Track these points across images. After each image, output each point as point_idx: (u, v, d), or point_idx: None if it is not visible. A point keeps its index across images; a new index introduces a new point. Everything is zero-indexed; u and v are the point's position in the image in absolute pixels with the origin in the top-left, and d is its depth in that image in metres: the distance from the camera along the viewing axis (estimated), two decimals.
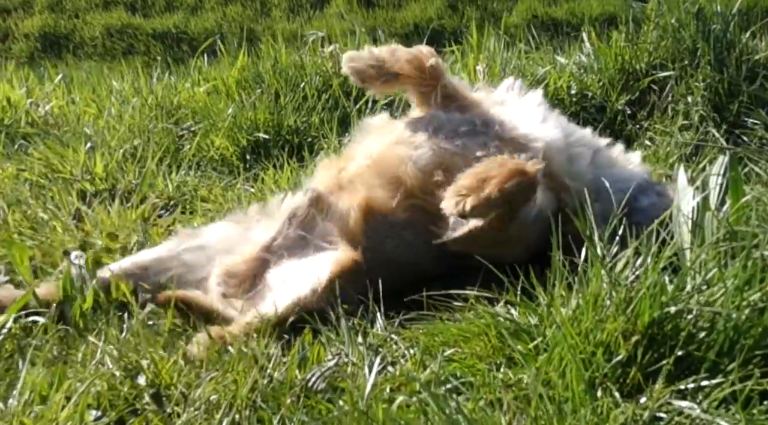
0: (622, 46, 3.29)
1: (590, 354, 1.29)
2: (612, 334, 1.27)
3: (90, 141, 2.87)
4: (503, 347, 1.45)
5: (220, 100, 3.46)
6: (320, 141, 3.14)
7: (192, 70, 3.83)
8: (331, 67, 3.68)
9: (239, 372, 1.35)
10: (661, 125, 3.10)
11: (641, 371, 1.26)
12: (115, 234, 2.06)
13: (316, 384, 1.37)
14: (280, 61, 3.60)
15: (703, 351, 1.22)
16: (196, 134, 3.18)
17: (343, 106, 3.49)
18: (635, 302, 1.26)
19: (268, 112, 3.22)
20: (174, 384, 1.35)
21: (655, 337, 1.27)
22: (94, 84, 4.18)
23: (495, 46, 3.62)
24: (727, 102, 2.97)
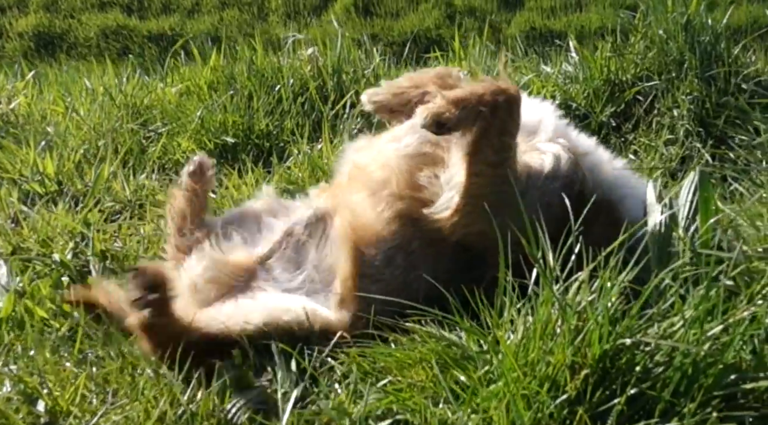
0: (608, 56, 3.17)
1: (536, 390, 1.16)
2: (559, 367, 1.14)
3: (46, 140, 2.74)
4: (446, 376, 1.31)
5: (192, 101, 3.34)
6: (291, 147, 3.01)
7: (165, 70, 3.71)
8: (309, 70, 3.57)
9: (150, 400, 1.21)
10: (646, 138, 2.97)
11: (591, 410, 1.13)
12: (50, 240, 1.92)
13: (237, 416, 1.23)
14: (255, 62, 3.48)
15: (658, 390, 1.08)
16: (163, 135, 3.05)
17: (319, 110, 3.37)
18: (585, 331, 1.12)
19: (238, 114, 3.10)
20: (75, 414, 1.21)
21: (607, 372, 1.13)
22: (68, 82, 4.06)
23: (480, 53, 3.50)
24: (713, 117, 2.85)
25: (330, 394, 1.36)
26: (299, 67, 3.54)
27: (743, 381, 1.05)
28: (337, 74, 3.56)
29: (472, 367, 1.28)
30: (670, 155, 2.86)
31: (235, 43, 4.14)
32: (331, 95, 3.47)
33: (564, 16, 8.77)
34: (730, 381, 1.05)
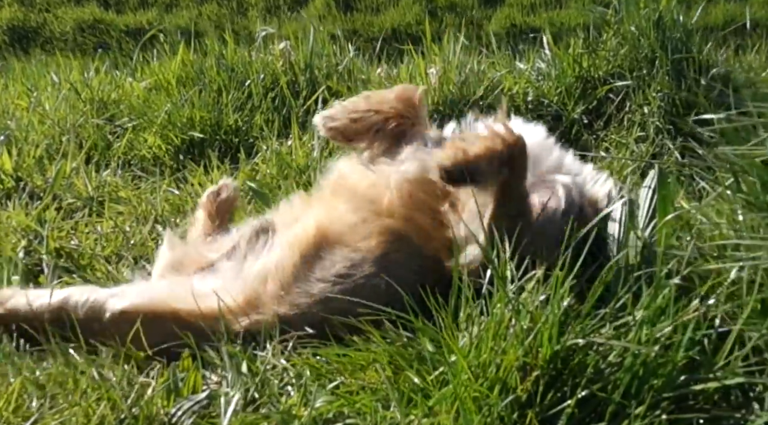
0: (580, 53, 3.15)
1: (486, 393, 1.13)
2: (510, 369, 1.11)
3: (6, 135, 2.67)
4: (400, 378, 1.28)
5: (161, 96, 3.28)
6: (260, 143, 2.96)
7: (135, 64, 3.64)
8: (281, 65, 3.52)
9: (91, 404, 1.17)
10: (617, 135, 2.96)
11: (542, 413, 1.10)
12: (5, 237, 1.86)
13: (181, 420, 1.19)
14: (226, 57, 3.42)
15: (609, 392, 1.06)
16: (129, 131, 2.99)
17: (290, 106, 3.32)
18: (536, 332, 1.10)
19: (206, 110, 3.04)
20: (8, 420, 1.16)
21: (559, 373, 1.11)
22: (36, 76, 3.97)
23: (452, 49, 3.46)
24: (683, 114, 2.85)
25: (281, 397, 1.33)
26: (271, 62, 3.49)
27: (694, 382, 1.03)
28: (309, 69, 3.52)
29: (426, 369, 1.25)
30: (641, 152, 2.86)
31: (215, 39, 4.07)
32: (303, 91, 3.43)
33: (544, 12, 8.79)
34: (680, 382, 1.04)
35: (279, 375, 1.39)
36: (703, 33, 3.32)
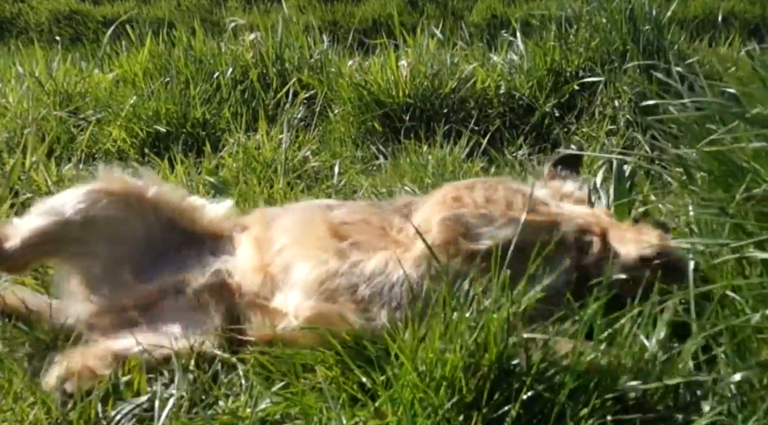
0: (552, 45, 3.13)
1: (432, 394, 1.11)
2: (456, 370, 1.09)
3: None
4: (349, 379, 1.26)
5: (128, 89, 3.21)
6: (227, 136, 2.91)
7: (102, 55, 3.56)
8: (251, 57, 3.47)
9: (24, 409, 1.13)
10: (589, 129, 2.95)
11: (488, 415, 1.08)
12: None
13: (121, 423, 1.15)
14: (194, 48, 3.36)
15: (555, 393, 1.03)
16: (92, 124, 2.93)
17: (260, 98, 3.27)
18: (482, 331, 1.07)
19: (173, 102, 2.98)
20: None
21: (505, 374, 1.08)
22: (2, 68, 3.88)
23: (425, 41, 3.43)
24: (654, 108, 2.84)
25: (227, 398, 1.29)
26: (241, 54, 3.44)
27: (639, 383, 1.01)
28: (280, 61, 3.47)
29: (373, 370, 1.22)
30: (612, 145, 2.85)
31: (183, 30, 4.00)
32: (274, 83, 3.38)
33: (524, 3, 8.76)
34: (624, 384, 1.02)
35: (227, 375, 1.36)
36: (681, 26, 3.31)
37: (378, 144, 2.93)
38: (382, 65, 3.23)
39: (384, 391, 1.17)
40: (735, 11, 7.01)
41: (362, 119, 3.08)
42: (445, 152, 2.67)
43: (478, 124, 3.04)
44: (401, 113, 3.06)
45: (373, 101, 3.09)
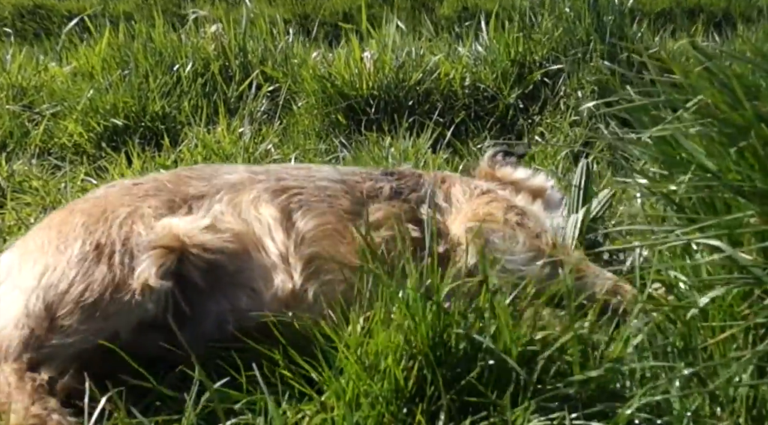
0: (515, 36, 3.12)
1: (377, 387, 1.08)
2: (395, 362, 1.06)
3: None
4: (296, 374, 1.22)
5: (86, 82, 3.13)
6: (187, 130, 2.85)
7: (60, 48, 3.47)
8: (213, 49, 3.40)
9: None
10: (552, 120, 2.95)
11: (430, 405, 1.05)
12: None
13: None
14: (154, 40, 3.29)
15: (487, 382, 1.02)
16: (49, 117, 2.85)
17: (222, 91, 3.22)
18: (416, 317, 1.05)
19: (131, 95, 2.91)
20: None
21: (440, 363, 1.06)
22: None
23: (390, 33, 3.39)
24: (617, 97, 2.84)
25: None
26: (202, 46, 3.37)
27: (570, 373, 1.00)
28: (243, 53, 3.41)
29: (320, 365, 1.20)
30: (575, 136, 2.85)
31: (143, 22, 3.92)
32: (236, 76, 3.32)
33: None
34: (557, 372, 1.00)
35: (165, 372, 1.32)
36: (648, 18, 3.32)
37: (341, 137, 2.90)
38: (347, 57, 3.19)
39: (331, 384, 1.15)
40: (701, 3, 7.07)
41: (326, 111, 3.04)
42: (408, 144, 2.65)
43: (443, 116, 3.02)
44: (365, 105, 3.03)
45: (337, 94, 3.05)
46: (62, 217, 1.40)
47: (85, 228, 1.34)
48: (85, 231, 1.34)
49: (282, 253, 1.38)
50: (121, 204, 1.40)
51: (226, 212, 1.43)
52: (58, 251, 1.31)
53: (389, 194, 1.54)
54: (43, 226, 1.42)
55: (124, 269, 1.28)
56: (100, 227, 1.34)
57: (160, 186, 1.48)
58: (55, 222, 1.40)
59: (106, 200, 1.44)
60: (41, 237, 1.35)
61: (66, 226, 1.36)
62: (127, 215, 1.37)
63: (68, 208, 1.47)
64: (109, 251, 1.30)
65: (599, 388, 0.99)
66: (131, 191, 1.47)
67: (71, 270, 1.27)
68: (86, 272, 1.26)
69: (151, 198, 1.43)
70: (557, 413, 0.96)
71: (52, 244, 1.32)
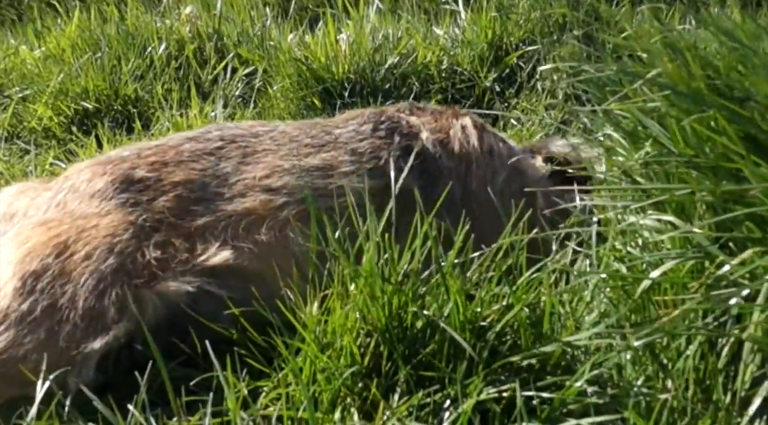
0: (492, 16, 3.10)
1: (334, 363, 1.08)
2: (351, 338, 1.06)
3: None
4: (254, 352, 1.22)
5: (56, 65, 3.08)
6: (159, 113, 2.82)
7: (33, 31, 3.41)
8: (188, 31, 3.36)
9: None
10: (528, 103, 2.94)
11: (386, 381, 1.05)
12: None
13: None
14: (126, 22, 3.24)
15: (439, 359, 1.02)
16: (18, 101, 2.81)
17: (196, 75, 3.18)
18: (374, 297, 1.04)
19: (102, 79, 2.87)
20: None
21: (398, 340, 1.06)
22: None
23: (365, 13, 3.36)
24: (595, 80, 2.84)
25: None
26: (176, 28, 3.33)
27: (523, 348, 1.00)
28: (218, 35, 3.37)
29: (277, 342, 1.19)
30: (551, 119, 2.84)
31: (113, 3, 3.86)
32: (211, 59, 3.28)
33: None
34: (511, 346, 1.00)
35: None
36: None
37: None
38: (322, 40, 3.16)
39: (291, 362, 1.14)
40: None
41: (302, 94, 3.01)
42: None
43: (419, 99, 3.00)
44: (341, 88, 3.01)
45: (313, 77, 3.02)
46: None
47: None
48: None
49: None
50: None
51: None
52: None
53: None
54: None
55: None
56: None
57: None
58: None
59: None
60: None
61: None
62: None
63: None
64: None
65: (551, 361, 0.99)
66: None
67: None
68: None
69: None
70: (507, 385, 0.96)
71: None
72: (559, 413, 0.98)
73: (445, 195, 1.30)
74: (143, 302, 1.26)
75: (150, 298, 1.27)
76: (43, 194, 1.41)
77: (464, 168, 1.62)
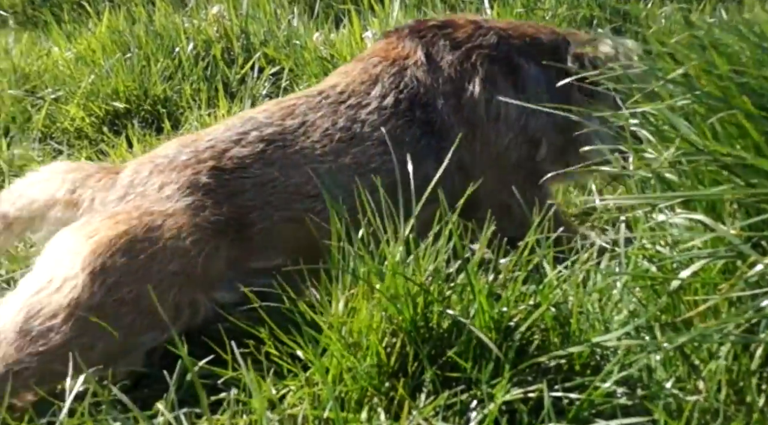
0: (518, 12, 3.07)
1: (360, 363, 1.08)
2: (377, 338, 1.06)
3: None
4: (283, 351, 1.23)
5: (87, 66, 3.14)
6: (188, 113, 2.85)
7: (65, 33, 3.48)
8: (215, 31, 3.39)
9: None
10: None
11: (412, 381, 1.06)
12: None
13: None
14: (155, 23, 3.29)
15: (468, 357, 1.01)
16: (51, 102, 2.87)
17: (224, 75, 3.21)
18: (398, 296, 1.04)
19: (132, 79, 2.92)
20: None
21: (425, 340, 1.06)
22: None
23: (390, 10, 3.35)
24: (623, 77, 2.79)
25: None
26: (204, 28, 3.36)
27: (550, 348, 0.99)
28: (245, 35, 3.39)
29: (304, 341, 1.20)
30: None
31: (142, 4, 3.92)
32: (238, 58, 3.31)
33: None
34: (538, 346, 1.00)
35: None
36: None
37: None
38: (348, 37, 3.17)
39: (317, 362, 1.15)
40: None
41: None
42: None
43: None
44: None
45: None
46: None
47: None
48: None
49: None
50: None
51: None
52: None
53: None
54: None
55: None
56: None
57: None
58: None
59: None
60: None
61: None
62: None
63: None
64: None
65: (579, 361, 0.98)
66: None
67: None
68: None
69: None
70: (535, 386, 0.95)
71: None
72: (587, 414, 0.97)
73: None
74: (197, 306, 1.34)
75: (203, 303, 1.35)
76: (109, 187, 1.47)
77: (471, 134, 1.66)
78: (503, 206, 1.57)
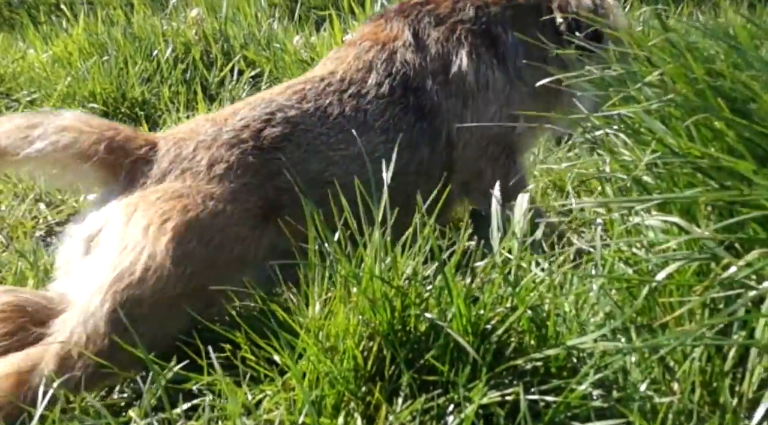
0: None
1: (336, 367, 1.07)
2: (354, 342, 1.05)
3: None
4: (259, 356, 1.21)
5: (63, 68, 3.10)
6: (166, 116, 2.82)
7: (43, 36, 3.44)
8: (194, 33, 3.37)
9: None
10: None
11: (389, 384, 1.05)
12: None
13: None
14: (133, 25, 3.25)
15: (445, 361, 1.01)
16: (27, 104, 2.83)
17: (203, 77, 3.18)
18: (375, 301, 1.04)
19: (109, 82, 2.89)
20: None
21: (402, 343, 1.05)
22: None
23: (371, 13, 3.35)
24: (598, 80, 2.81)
25: None
26: (183, 31, 3.34)
27: (527, 351, 0.99)
28: (224, 38, 3.37)
29: (281, 345, 1.19)
30: None
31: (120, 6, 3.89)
32: (218, 61, 3.29)
33: None
34: (515, 349, 1.00)
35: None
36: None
37: None
38: (328, 41, 3.16)
39: (293, 366, 1.14)
40: None
41: None
42: None
43: None
44: None
45: None
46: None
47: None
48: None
49: None
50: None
51: None
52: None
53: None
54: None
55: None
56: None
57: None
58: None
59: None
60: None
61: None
62: None
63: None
64: None
65: (556, 364, 0.98)
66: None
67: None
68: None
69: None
70: (511, 389, 0.95)
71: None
72: (563, 417, 0.97)
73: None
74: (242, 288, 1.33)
75: (246, 286, 1.32)
76: (152, 157, 1.47)
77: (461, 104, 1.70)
78: (476, 172, 1.67)
